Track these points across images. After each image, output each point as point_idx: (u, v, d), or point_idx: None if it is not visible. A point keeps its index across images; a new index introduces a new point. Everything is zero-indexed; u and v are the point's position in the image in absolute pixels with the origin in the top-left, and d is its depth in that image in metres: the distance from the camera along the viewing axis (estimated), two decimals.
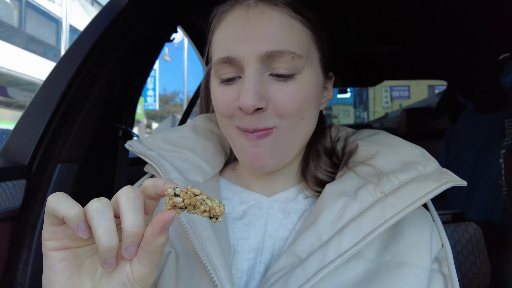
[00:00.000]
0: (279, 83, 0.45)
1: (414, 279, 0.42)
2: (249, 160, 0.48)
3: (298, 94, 0.45)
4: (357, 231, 0.42)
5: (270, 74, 0.45)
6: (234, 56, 0.45)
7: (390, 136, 0.54)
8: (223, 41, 0.47)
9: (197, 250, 0.44)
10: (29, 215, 0.76)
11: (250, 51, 0.44)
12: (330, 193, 0.47)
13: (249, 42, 0.44)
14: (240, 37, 0.45)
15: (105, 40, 0.88)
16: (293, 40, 0.45)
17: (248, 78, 0.44)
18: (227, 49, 0.46)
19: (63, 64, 0.86)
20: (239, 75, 0.46)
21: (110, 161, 1.02)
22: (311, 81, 0.47)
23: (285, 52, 0.44)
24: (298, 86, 0.45)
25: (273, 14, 0.45)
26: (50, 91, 0.83)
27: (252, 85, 0.43)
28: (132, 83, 1.07)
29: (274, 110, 0.45)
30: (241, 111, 0.45)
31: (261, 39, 0.44)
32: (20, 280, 0.73)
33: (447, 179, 0.45)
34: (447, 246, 0.46)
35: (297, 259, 0.43)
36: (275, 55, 0.44)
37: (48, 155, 0.80)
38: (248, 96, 0.43)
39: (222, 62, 0.46)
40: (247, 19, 0.45)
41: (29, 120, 0.81)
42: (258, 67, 0.44)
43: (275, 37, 0.44)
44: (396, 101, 19.21)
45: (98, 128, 0.93)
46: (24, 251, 0.74)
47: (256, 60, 0.44)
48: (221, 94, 0.48)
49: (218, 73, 0.48)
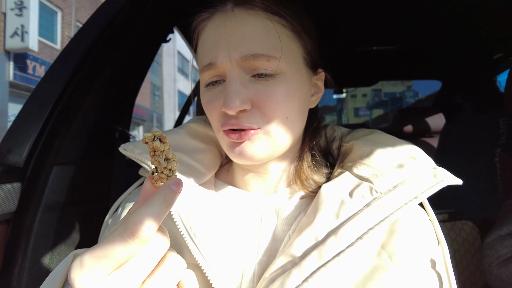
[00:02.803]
0: (260, 83, 0.47)
1: (411, 278, 0.42)
2: (235, 152, 0.48)
3: (279, 93, 0.47)
4: (354, 231, 0.42)
5: (251, 76, 0.47)
6: (215, 62, 0.47)
7: (386, 136, 0.55)
8: (205, 49, 0.49)
9: (192, 252, 0.44)
10: (24, 219, 0.75)
11: (228, 57, 0.46)
12: (326, 193, 0.47)
13: (226, 48, 0.46)
14: (218, 43, 0.47)
15: (101, 41, 0.87)
16: (269, 42, 0.46)
17: (229, 82, 0.46)
18: (208, 56, 0.48)
19: (58, 64, 0.86)
20: (223, 79, 0.48)
21: (107, 163, 1.01)
22: (294, 80, 0.48)
23: (259, 55, 0.45)
24: (279, 85, 0.47)
25: (249, 18, 0.47)
26: (45, 92, 0.82)
27: (233, 88, 0.45)
28: (128, 84, 1.07)
29: (258, 110, 0.47)
30: (226, 114, 0.47)
31: (237, 44, 0.46)
32: (16, 284, 0.72)
33: (442, 178, 0.45)
34: (444, 244, 0.46)
35: (294, 260, 0.43)
36: (250, 59, 0.45)
37: (43, 158, 0.79)
38: (230, 99, 0.44)
39: (206, 69, 0.48)
40: (225, 26, 0.47)
41: (25, 122, 0.81)
42: (238, 70, 0.46)
43: (250, 41, 0.46)
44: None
45: (94, 129, 0.92)
46: (20, 255, 0.74)
47: (235, 64, 0.46)
48: (208, 98, 0.50)
49: (204, 79, 0.50)
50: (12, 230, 0.74)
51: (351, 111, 28.71)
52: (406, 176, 0.46)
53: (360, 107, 28.71)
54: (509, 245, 0.82)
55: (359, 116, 28.51)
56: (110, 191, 1.01)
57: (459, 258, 1.01)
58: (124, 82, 1.03)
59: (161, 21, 1.10)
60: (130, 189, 0.58)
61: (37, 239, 0.75)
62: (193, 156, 0.56)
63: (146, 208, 0.30)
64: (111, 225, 0.55)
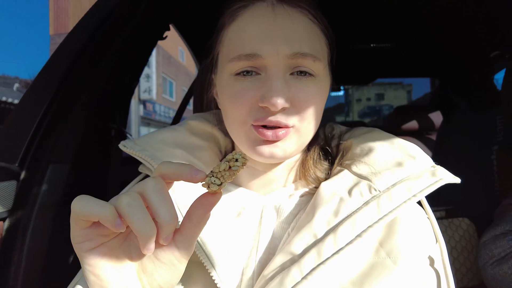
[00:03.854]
0: (299, 82, 0.46)
1: (409, 276, 0.42)
2: (264, 151, 0.47)
3: (317, 94, 0.47)
4: (352, 229, 0.42)
5: (290, 74, 0.46)
6: (259, 54, 0.45)
7: (384, 134, 0.55)
8: (245, 38, 0.47)
9: (195, 249, 0.44)
10: (20, 216, 0.74)
11: (275, 51, 0.45)
12: (325, 191, 0.47)
13: (276, 42, 0.45)
14: (266, 36, 0.45)
15: (97, 38, 0.86)
16: (315, 43, 0.47)
17: (275, 77, 0.45)
18: (250, 46, 0.45)
19: (53, 62, 0.85)
20: (259, 72, 0.46)
21: (103, 161, 1.01)
22: (324, 83, 0.49)
23: (308, 55, 0.45)
24: (316, 87, 0.47)
25: (297, 15, 0.47)
26: (40, 90, 0.81)
27: (279, 85, 0.44)
28: (124, 81, 1.06)
29: (295, 109, 0.46)
30: (264, 109, 0.45)
31: (287, 40, 0.45)
32: (12, 283, 0.72)
33: (441, 176, 0.45)
34: (442, 242, 0.47)
35: (293, 258, 0.43)
36: (299, 57, 0.45)
37: (39, 156, 0.78)
38: (277, 96, 0.43)
39: (244, 59, 0.46)
40: (274, 18, 0.46)
41: (20, 120, 0.80)
42: (283, 66, 0.45)
43: (300, 40, 0.45)
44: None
45: (90, 128, 0.92)
46: (16, 253, 0.73)
47: (282, 60, 0.45)
48: (238, 89, 0.47)
49: (233, 68, 0.47)
50: (8, 229, 0.73)
51: (356, 114, 29.31)
52: (405, 175, 0.46)
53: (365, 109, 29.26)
54: (503, 245, 0.82)
55: (365, 117, 29.49)
56: (106, 189, 1.00)
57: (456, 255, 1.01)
58: (120, 80, 1.03)
59: (156, 18, 1.09)
60: (131, 185, 0.58)
61: (33, 238, 0.75)
62: (193, 154, 0.55)
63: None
64: None
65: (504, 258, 0.80)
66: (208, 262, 0.44)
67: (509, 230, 0.84)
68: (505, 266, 0.78)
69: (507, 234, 0.83)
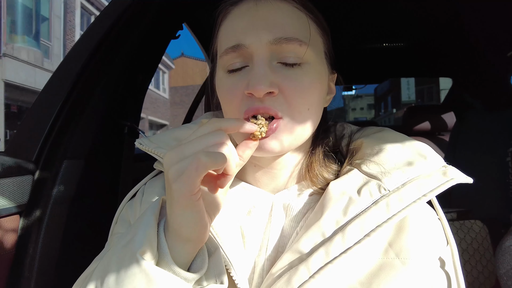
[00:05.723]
0: (287, 70, 0.46)
1: (418, 277, 0.42)
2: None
3: (306, 81, 0.46)
4: (361, 228, 0.42)
5: (278, 62, 0.46)
6: (243, 44, 0.45)
7: (395, 133, 0.54)
8: (231, 31, 0.48)
9: (211, 246, 0.45)
10: (36, 210, 0.77)
11: (259, 38, 0.45)
12: (334, 190, 0.47)
13: (258, 30, 0.45)
14: (249, 26, 0.46)
15: (111, 37, 0.88)
16: (300, 29, 0.47)
17: (257, 63, 0.45)
18: (235, 38, 0.46)
19: (69, 61, 0.87)
20: (246, 64, 0.47)
21: (116, 158, 1.02)
22: (317, 72, 0.48)
23: (292, 39, 0.45)
24: (305, 74, 0.46)
25: (281, 5, 0.47)
26: (56, 88, 0.83)
27: (262, 70, 0.44)
28: (137, 79, 1.08)
29: (283, 97, 0.46)
30: (251, 96, 0.45)
31: (269, 27, 0.45)
32: (27, 274, 0.74)
33: (452, 176, 0.44)
34: (453, 244, 0.46)
35: (301, 256, 0.43)
36: (283, 42, 0.45)
37: (54, 152, 0.80)
38: (259, 80, 0.43)
39: (231, 51, 0.46)
40: (256, 11, 0.47)
41: (36, 117, 0.82)
42: (267, 54, 0.45)
43: (283, 26, 0.45)
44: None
45: (103, 124, 0.94)
46: (31, 246, 0.75)
47: (265, 47, 0.45)
48: (229, 84, 0.48)
49: (225, 64, 0.48)
50: (24, 222, 0.76)
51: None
52: (415, 174, 0.45)
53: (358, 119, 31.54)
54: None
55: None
56: (119, 185, 1.02)
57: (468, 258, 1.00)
58: (132, 78, 1.04)
59: (169, 17, 1.10)
60: (146, 179, 0.59)
61: (47, 231, 0.77)
62: None
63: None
64: (123, 214, 0.56)
65: None
66: (224, 255, 0.44)
67: None
68: None
69: None
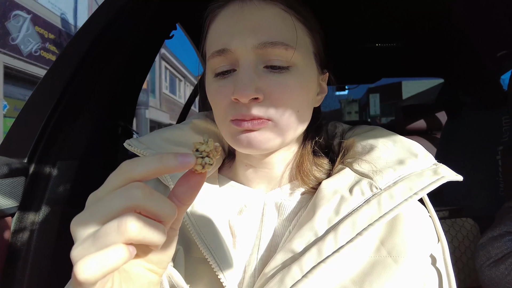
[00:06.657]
0: (273, 74, 0.45)
1: (410, 274, 0.42)
2: (242, 140, 0.46)
3: (293, 85, 0.46)
4: (353, 227, 0.42)
5: (264, 67, 0.46)
6: (228, 48, 0.45)
7: (386, 132, 0.54)
8: (218, 35, 0.48)
9: (199, 245, 0.45)
10: (29, 212, 0.76)
11: (244, 43, 0.44)
12: (326, 189, 0.47)
13: (243, 34, 0.45)
14: (234, 30, 0.45)
15: (105, 37, 0.88)
16: (286, 32, 0.46)
17: (242, 68, 0.45)
18: (221, 42, 0.46)
19: (62, 60, 0.86)
20: (233, 68, 0.47)
21: (110, 158, 1.02)
22: (306, 74, 0.48)
23: (278, 44, 0.44)
24: (293, 78, 0.46)
25: (266, 7, 0.46)
26: (49, 87, 0.83)
27: (247, 75, 0.44)
28: (131, 80, 1.07)
29: (270, 102, 0.45)
30: (237, 102, 0.45)
31: (254, 31, 0.45)
32: (20, 277, 0.73)
33: (443, 174, 0.45)
34: (444, 241, 0.46)
35: (294, 256, 0.43)
36: (268, 46, 0.44)
37: (47, 152, 0.80)
38: (244, 86, 0.43)
39: (217, 55, 0.46)
40: (242, 13, 0.46)
41: (29, 117, 0.81)
42: (252, 58, 0.45)
43: (268, 29, 0.45)
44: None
45: (97, 125, 0.93)
46: (24, 248, 0.75)
47: (250, 51, 0.45)
48: (216, 88, 0.48)
49: (213, 67, 0.48)
50: (16, 224, 0.75)
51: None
52: (407, 173, 0.46)
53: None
54: (500, 246, 0.82)
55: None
56: None
57: (459, 255, 1.01)
58: (127, 78, 1.04)
59: (164, 18, 1.10)
60: None
61: (40, 233, 0.76)
62: None
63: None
64: None
65: (501, 259, 0.80)
66: (213, 259, 0.44)
67: (507, 231, 0.84)
68: (502, 267, 0.78)
69: (504, 236, 0.83)
